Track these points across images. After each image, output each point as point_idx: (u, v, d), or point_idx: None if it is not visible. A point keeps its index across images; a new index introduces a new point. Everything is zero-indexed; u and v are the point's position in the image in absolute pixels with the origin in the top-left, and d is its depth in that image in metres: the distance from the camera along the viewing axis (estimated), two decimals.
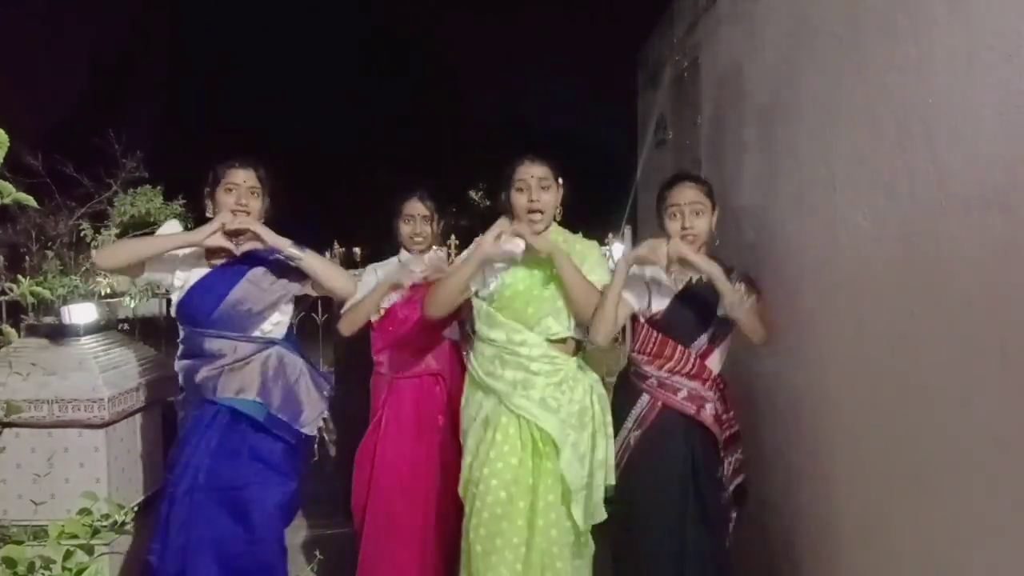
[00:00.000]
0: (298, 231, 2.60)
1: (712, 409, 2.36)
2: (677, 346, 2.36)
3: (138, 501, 2.85)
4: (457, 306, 2.52)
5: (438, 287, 2.48)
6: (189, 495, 2.43)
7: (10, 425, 2.45)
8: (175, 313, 2.56)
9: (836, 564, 2.21)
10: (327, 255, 4.02)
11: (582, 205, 2.62)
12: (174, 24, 18.39)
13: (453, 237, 4.00)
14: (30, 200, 1.27)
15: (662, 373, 2.38)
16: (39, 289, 1.57)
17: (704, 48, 3.40)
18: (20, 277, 1.99)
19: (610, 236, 4.00)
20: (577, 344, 2.50)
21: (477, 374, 2.47)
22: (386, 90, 19.76)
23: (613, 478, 2.43)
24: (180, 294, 2.51)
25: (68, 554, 1.32)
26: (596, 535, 2.44)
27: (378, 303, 2.71)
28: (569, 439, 2.34)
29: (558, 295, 2.42)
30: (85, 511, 1.40)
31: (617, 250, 4.12)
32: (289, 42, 19.45)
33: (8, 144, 1.18)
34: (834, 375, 2.19)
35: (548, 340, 2.41)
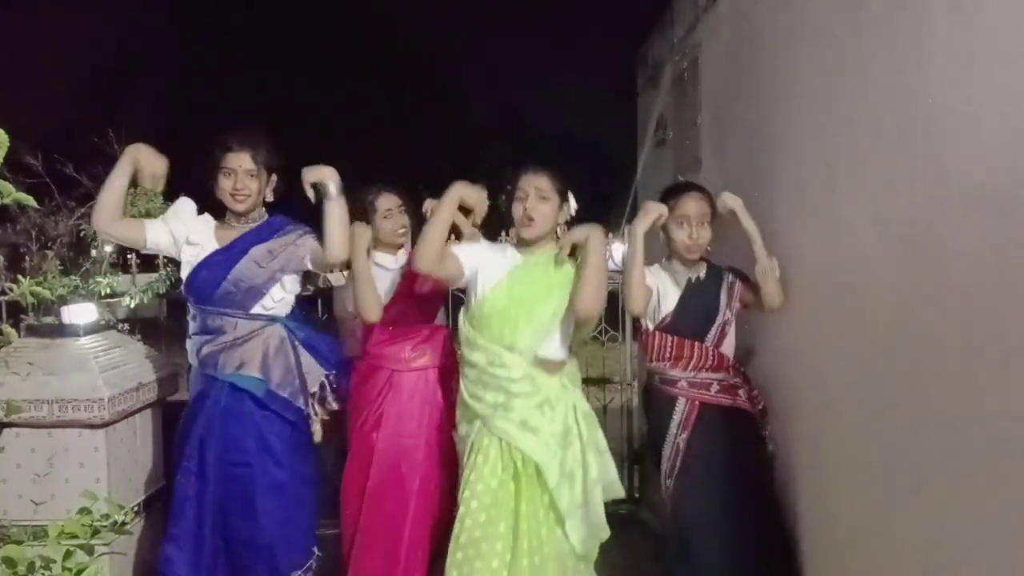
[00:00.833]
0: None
1: (744, 394, 2.48)
2: (694, 344, 2.45)
3: (138, 501, 2.85)
4: (443, 260, 2.41)
5: (423, 235, 2.40)
6: (200, 470, 2.49)
7: (10, 425, 2.46)
8: (183, 289, 2.60)
9: (836, 564, 2.21)
10: None
11: (582, 205, 2.61)
12: (174, 24, 18.39)
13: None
14: (30, 200, 1.27)
15: (688, 373, 2.46)
16: (39, 289, 1.58)
17: (704, 48, 3.40)
18: (20, 277, 1.99)
19: (610, 236, 3.98)
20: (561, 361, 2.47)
21: (463, 396, 2.46)
22: (386, 90, 19.77)
23: (621, 491, 2.47)
24: (187, 270, 2.55)
25: (68, 554, 1.32)
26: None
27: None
28: (555, 460, 2.32)
29: (539, 314, 2.39)
30: (85, 511, 1.40)
31: (617, 250, 4.10)
32: (289, 42, 19.46)
33: (8, 144, 1.18)
34: (834, 375, 2.19)
35: (528, 363, 2.37)
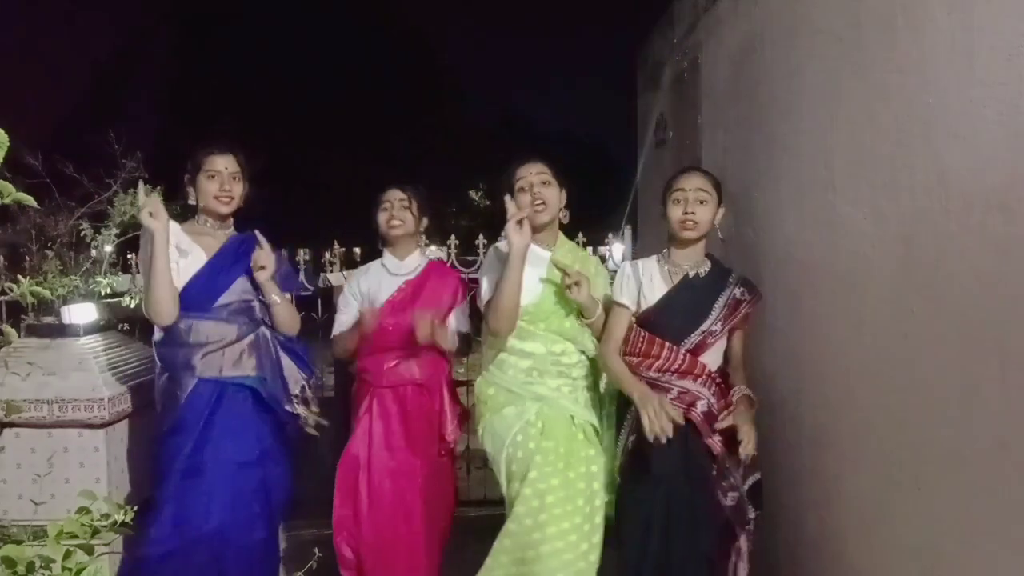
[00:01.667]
0: (298, 230, 2.59)
1: (704, 406, 2.26)
2: (664, 344, 2.32)
3: (139, 501, 2.84)
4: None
5: (496, 302, 2.39)
6: (195, 472, 2.44)
7: (10, 425, 2.46)
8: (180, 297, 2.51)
9: (837, 564, 2.21)
10: (327, 255, 4.01)
11: (582, 205, 2.62)
12: (174, 24, 18.39)
13: (453, 237, 3.98)
14: (30, 200, 1.27)
15: (651, 373, 2.32)
16: (39, 289, 1.57)
17: (704, 48, 3.40)
18: (20, 277, 1.99)
19: (610, 236, 3.99)
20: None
21: (508, 385, 2.50)
22: (387, 90, 19.78)
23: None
24: (181, 281, 2.45)
25: (68, 554, 1.31)
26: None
27: (360, 334, 2.67)
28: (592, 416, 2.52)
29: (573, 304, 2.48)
30: (85, 511, 1.39)
31: (617, 250, 4.11)
32: (289, 42, 19.47)
33: (8, 144, 1.18)
34: (834, 375, 2.19)
35: (581, 352, 2.53)
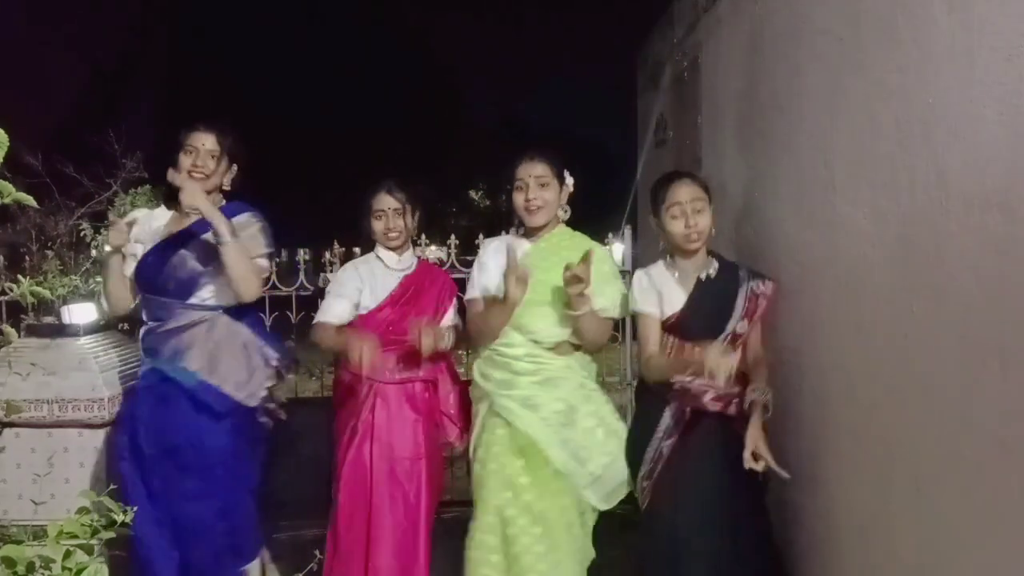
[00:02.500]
0: (298, 231, 2.58)
1: (736, 405, 2.29)
2: (695, 349, 2.29)
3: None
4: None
5: (483, 329, 2.49)
6: (133, 455, 2.43)
7: (10, 425, 2.46)
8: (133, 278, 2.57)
9: (836, 564, 2.21)
10: (327, 255, 3.97)
11: (582, 205, 2.62)
12: (173, 23, 18.39)
13: (453, 237, 3.97)
14: (30, 200, 1.27)
15: (684, 378, 2.29)
16: (39, 289, 1.57)
17: (704, 48, 3.40)
18: (20, 277, 1.99)
19: (610, 236, 3.99)
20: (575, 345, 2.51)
21: (476, 375, 2.54)
22: (387, 89, 19.77)
23: (624, 492, 2.45)
24: (134, 261, 2.53)
25: (68, 554, 1.31)
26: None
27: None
28: (556, 436, 2.37)
29: (548, 300, 2.42)
30: (85, 511, 1.39)
31: (617, 250, 4.11)
32: (289, 42, 19.45)
33: (8, 144, 1.18)
34: (834, 375, 2.19)
35: (534, 341, 2.44)
